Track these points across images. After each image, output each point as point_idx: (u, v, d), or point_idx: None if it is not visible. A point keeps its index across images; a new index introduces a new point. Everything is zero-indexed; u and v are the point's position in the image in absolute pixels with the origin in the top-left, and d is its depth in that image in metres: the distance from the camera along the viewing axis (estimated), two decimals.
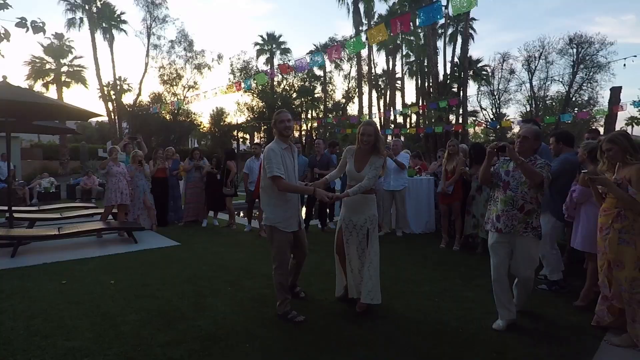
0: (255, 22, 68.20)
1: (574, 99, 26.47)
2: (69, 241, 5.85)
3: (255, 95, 30.87)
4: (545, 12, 52.46)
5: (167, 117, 28.47)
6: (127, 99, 29.69)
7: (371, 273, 3.23)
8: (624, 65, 12.10)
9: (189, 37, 29.05)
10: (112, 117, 27.37)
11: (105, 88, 27.03)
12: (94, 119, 29.36)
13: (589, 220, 3.44)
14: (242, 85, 9.09)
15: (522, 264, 3.01)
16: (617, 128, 17.50)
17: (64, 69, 25.43)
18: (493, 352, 2.66)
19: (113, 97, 27.78)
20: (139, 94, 28.69)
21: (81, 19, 26.11)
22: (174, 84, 29.55)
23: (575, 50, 25.61)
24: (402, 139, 24.06)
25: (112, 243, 6.05)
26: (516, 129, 21.89)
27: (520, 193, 2.94)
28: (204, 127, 34.21)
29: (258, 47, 33.29)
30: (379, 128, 3.41)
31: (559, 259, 4.00)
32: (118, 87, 28.70)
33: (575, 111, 22.74)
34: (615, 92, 16.62)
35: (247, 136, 33.03)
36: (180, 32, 28.83)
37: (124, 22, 27.91)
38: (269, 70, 9.67)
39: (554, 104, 28.31)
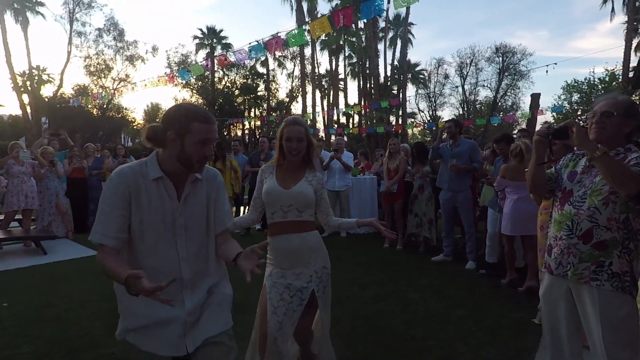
0: (196, 16, 65.10)
1: (500, 103, 28.74)
2: None
3: (195, 91, 29.36)
4: (476, 23, 56.66)
5: (95, 111, 25.98)
6: (48, 90, 26.66)
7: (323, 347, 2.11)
8: (547, 72, 13.25)
9: (119, 26, 26.77)
10: (28, 110, 24.31)
11: (19, 78, 23.93)
12: (5, 113, 25.85)
13: (507, 206, 3.90)
14: (177, 76, 8.38)
15: (598, 336, 1.62)
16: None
17: None
18: (443, 359, 2.55)
19: (29, 88, 24.70)
20: (60, 86, 25.84)
21: None
22: (103, 76, 27.06)
23: (501, 58, 27.85)
24: (345, 138, 24.36)
25: (13, 255, 5.16)
26: None
27: (587, 210, 1.66)
28: (138, 123, 31.86)
29: (197, 40, 31.68)
30: (308, 128, 2.07)
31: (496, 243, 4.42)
32: (36, 78, 25.58)
33: (501, 115, 24.66)
34: (535, 98, 18.19)
35: None
36: (109, 20, 26.46)
37: (41, 4, 24.91)
38: (205, 63, 9.03)
39: (482, 107, 30.52)
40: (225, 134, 29.57)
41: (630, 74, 18.45)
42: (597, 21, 56.54)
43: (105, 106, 26.14)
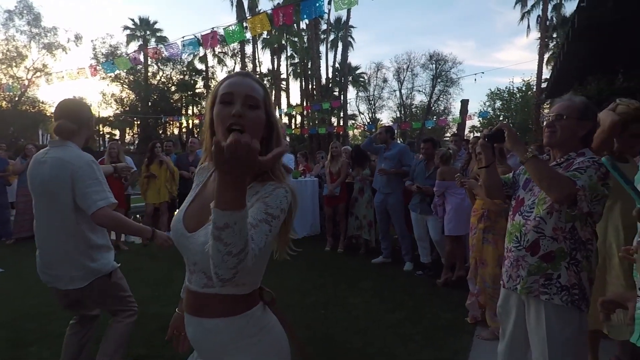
0: (127, 5, 60.05)
1: (433, 108, 30.55)
2: None
3: (126, 86, 27.25)
4: (412, 30, 59.52)
5: (4, 104, 22.98)
6: None
7: None
8: (475, 80, 14.34)
9: (34, 10, 23.95)
10: None
11: None
12: None
13: (450, 207, 3.98)
14: (101, 69, 7.62)
15: (543, 352, 1.54)
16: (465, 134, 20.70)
17: None
18: None
19: None
20: None
21: None
22: (14, 64, 24.04)
23: (434, 65, 29.64)
24: (288, 139, 24.18)
25: None
26: None
27: (534, 220, 1.60)
28: None
29: (128, 31, 29.42)
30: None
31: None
32: None
33: (435, 119, 26.25)
34: (464, 103, 19.61)
35: (117, 132, 29.02)
36: (21, 2, 23.56)
37: None
38: (134, 56, 8.27)
39: (418, 111, 32.23)
40: (160, 132, 27.86)
41: (543, 85, 20.63)
42: (515, 36, 62.39)
43: (17, 99, 23.24)
